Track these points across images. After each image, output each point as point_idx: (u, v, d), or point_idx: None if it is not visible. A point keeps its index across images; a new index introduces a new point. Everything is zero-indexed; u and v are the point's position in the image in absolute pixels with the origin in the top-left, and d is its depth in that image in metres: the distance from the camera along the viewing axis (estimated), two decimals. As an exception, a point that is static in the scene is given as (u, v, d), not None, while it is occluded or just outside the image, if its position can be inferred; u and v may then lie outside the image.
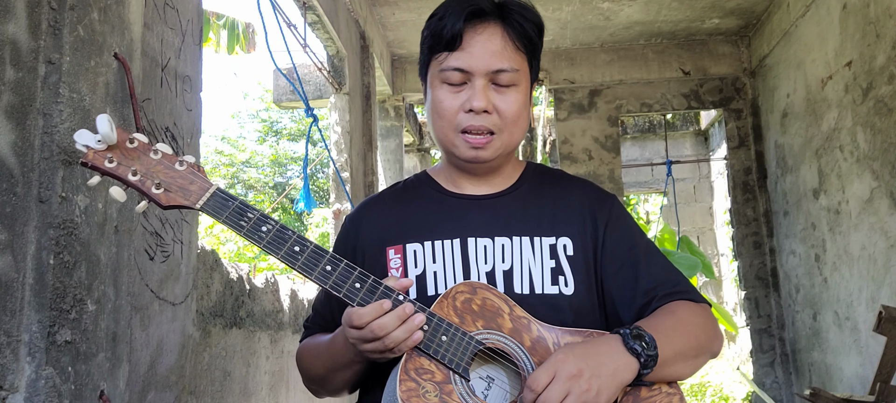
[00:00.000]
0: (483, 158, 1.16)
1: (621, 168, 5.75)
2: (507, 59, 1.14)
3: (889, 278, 3.83)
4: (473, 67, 1.12)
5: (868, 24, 3.90)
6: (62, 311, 1.24)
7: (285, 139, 18.54)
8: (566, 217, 1.20)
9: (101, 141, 0.98)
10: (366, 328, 0.99)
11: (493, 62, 1.13)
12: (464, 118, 1.13)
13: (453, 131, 1.15)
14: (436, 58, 1.16)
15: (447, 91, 1.15)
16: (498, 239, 1.16)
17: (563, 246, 1.17)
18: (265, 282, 2.79)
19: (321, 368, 1.16)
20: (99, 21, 1.38)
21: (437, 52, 1.15)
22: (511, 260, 1.15)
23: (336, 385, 1.18)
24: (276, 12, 3.30)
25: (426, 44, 1.18)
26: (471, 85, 1.13)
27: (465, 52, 1.13)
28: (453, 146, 1.16)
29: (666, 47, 5.76)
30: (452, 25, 1.12)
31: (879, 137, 3.85)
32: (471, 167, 1.19)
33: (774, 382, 5.43)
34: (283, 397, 2.88)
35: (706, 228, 8.63)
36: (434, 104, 1.17)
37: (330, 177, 4.87)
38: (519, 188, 1.24)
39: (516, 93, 1.15)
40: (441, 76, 1.15)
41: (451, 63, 1.13)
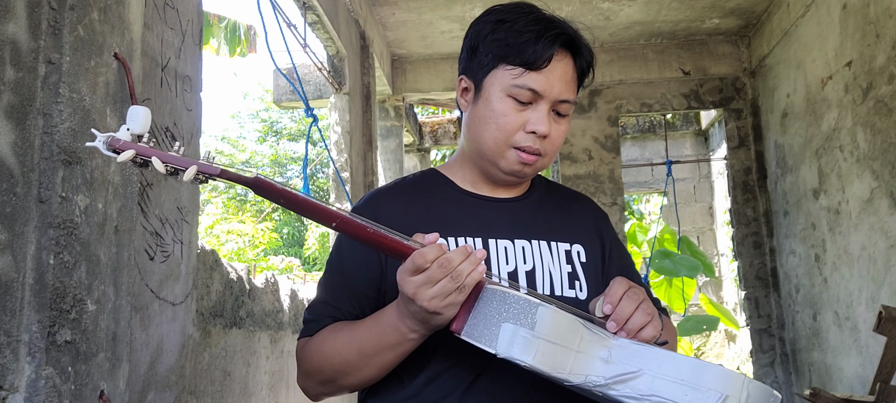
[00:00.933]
0: (526, 175, 1.20)
1: (621, 168, 5.75)
2: (572, 92, 1.17)
3: (889, 278, 3.83)
4: (547, 93, 1.14)
5: (868, 24, 3.90)
6: (62, 311, 1.24)
7: (285, 139, 18.54)
8: (577, 226, 1.26)
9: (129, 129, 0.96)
10: (432, 266, 0.95)
11: (564, 92, 1.15)
12: (522, 137, 1.15)
13: (506, 145, 1.16)
14: (506, 69, 1.14)
15: (512, 106, 1.14)
16: (518, 242, 1.19)
17: (577, 252, 1.22)
18: (265, 282, 2.79)
19: (353, 354, 1.08)
20: (99, 21, 1.38)
21: (512, 64, 1.14)
22: (532, 262, 1.18)
23: (360, 377, 1.10)
24: (276, 12, 3.30)
25: (494, 50, 1.16)
26: (536, 107, 1.14)
27: (544, 75, 1.13)
28: (501, 157, 1.17)
29: (666, 47, 5.76)
30: (544, 49, 1.12)
31: (879, 137, 3.85)
32: (507, 178, 1.21)
33: (774, 382, 5.43)
34: (283, 397, 2.88)
35: (706, 228, 8.63)
36: (493, 114, 1.15)
37: (330, 177, 4.87)
38: (531, 195, 1.28)
39: (566, 124, 1.20)
40: (510, 90, 1.14)
41: (528, 83, 1.13)
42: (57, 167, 1.24)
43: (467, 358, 1.06)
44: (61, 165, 1.25)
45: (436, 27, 5.19)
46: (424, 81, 5.88)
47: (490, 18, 1.18)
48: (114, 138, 0.94)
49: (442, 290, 0.95)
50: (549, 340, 0.91)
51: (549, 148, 1.17)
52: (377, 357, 1.07)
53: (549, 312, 0.92)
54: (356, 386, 1.14)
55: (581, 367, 0.92)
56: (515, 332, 0.92)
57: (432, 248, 0.96)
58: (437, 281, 0.95)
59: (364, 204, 1.22)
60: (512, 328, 0.93)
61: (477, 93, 1.19)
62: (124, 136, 0.95)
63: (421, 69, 5.88)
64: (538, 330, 0.91)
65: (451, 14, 4.96)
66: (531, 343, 0.91)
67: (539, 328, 0.91)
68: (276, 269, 9.58)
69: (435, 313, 0.97)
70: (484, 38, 1.18)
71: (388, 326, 1.05)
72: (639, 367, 0.91)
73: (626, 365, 0.92)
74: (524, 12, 1.17)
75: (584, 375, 0.92)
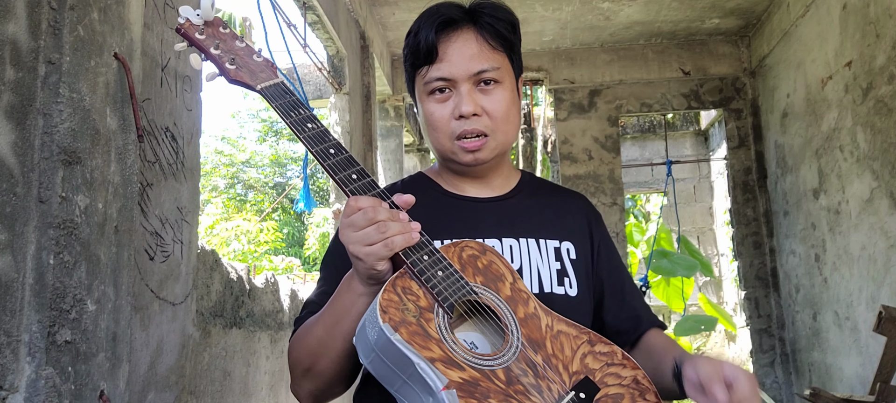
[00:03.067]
0: (481, 160, 1.19)
1: (621, 168, 5.75)
2: (485, 60, 1.17)
3: (889, 278, 3.83)
4: (454, 74, 1.16)
5: (868, 24, 3.90)
6: (62, 311, 1.24)
7: (285, 139, 18.54)
8: (567, 223, 1.26)
9: (199, 15, 1.15)
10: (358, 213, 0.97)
11: (472, 65, 1.16)
12: (456, 125, 1.17)
13: (449, 140, 1.18)
14: (418, 73, 1.20)
15: (435, 102, 1.18)
16: (505, 240, 1.18)
17: (566, 250, 1.21)
18: (265, 282, 2.79)
19: (321, 329, 1.10)
20: (99, 21, 1.38)
21: (419, 67, 1.19)
22: (520, 260, 1.17)
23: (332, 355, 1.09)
24: (276, 12, 3.30)
25: (408, 62, 1.22)
26: (456, 92, 1.17)
27: (444, 61, 1.16)
28: (452, 153, 1.19)
29: (666, 47, 5.76)
30: (426, 38, 1.16)
31: (879, 137, 3.85)
32: (472, 171, 1.22)
33: (774, 382, 5.43)
34: (283, 397, 2.88)
35: (706, 228, 8.63)
36: (426, 117, 1.20)
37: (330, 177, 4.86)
38: (519, 193, 1.27)
39: (501, 92, 1.18)
40: (427, 89, 1.18)
41: (433, 74, 1.17)
42: (57, 167, 1.24)
43: None
44: (61, 165, 1.25)
45: (436, 27, 5.19)
46: (424, 81, 5.88)
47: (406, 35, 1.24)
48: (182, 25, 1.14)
49: (365, 237, 0.97)
50: (381, 356, 0.93)
51: (491, 123, 1.17)
52: (340, 325, 1.06)
53: (384, 337, 0.92)
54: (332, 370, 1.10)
55: (406, 394, 0.93)
56: (363, 331, 0.95)
57: (367, 198, 1.00)
58: (361, 227, 0.97)
59: None
60: (363, 326, 0.95)
61: (416, 106, 1.25)
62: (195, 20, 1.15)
63: (421, 69, 5.88)
64: (376, 344, 0.93)
65: (451, 14, 4.95)
66: (368, 348, 0.94)
67: (376, 342, 0.93)
68: (277, 269, 9.58)
69: (356, 257, 0.98)
70: (404, 57, 1.24)
71: (343, 287, 1.06)
72: None
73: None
74: (422, 16, 1.21)
75: (408, 402, 0.94)
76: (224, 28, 1.18)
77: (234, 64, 1.13)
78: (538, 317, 1.03)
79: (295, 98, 1.11)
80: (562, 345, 1.01)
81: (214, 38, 1.15)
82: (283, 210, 16.33)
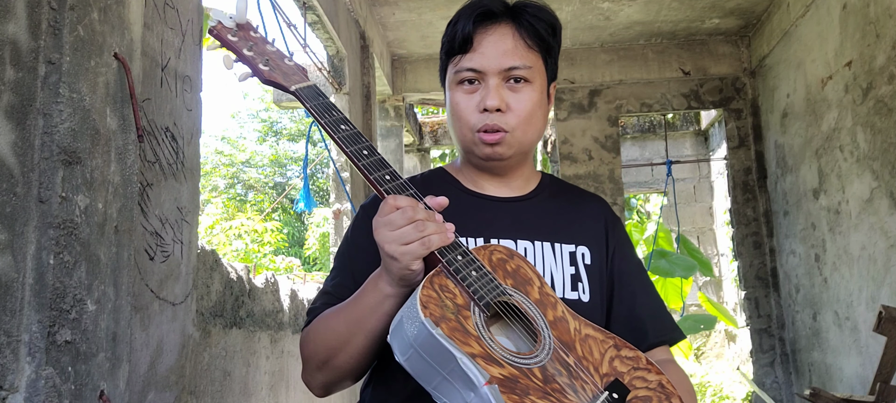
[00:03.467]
0: (499, 155, 1.18)
1: (621, 168, 5.75)
2: (518, 58, 1.16)
3: (889, 278, 3.83)
4: (485, 67, 1.15)
5: (868, 24, 3.90)
6: (62, 311, 1.24)
7: (285, 139, 18.55)
8: (584, 227, 1.24)
9: (232, 18, 1.19)
10: (397, 212, 0.98)
11: (505, 61, 1.15)
12: (479, 118, 1.16)
13: (470, 131, 1.18)
14: (452, 61, 1.20)
15: (463, 92, 1.18)
16: (520, 242, 1.18)
17: (581, 255, 1.21)
18: (265, 282, 2.79)
19: (342, 325, 1.09)
20: (99, 21, 1.38)
21: (453, 55, 1.19)
22: (534, 263, 1.16)
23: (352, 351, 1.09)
24: (276, 12, 3.30)
25: (443, 49, 1.23)
26: (484, 85, 1.16)
27: (477, 52, 1.16)
28: (473, 144, 1.19)
29: (666, 47, 5.76)
30: (463, 28, 1.17)
31: (879, 137, 3.85)
32: (489, 165, 1.21)
33: (774, 382, 5.43)
34: (283, 397, 2.88)
35: (706, 228, 8.63)
36: (452, 106, 1.20)
37: (330, 177, 4.87)
38: (538, 195, 1.26)
39: (530, 92, 1.17)
40: (456, 78, 1.18)
41: (465, 64, 1.17)
42: (57, 167, 1.24)
43: None
44: (61, 165, 1.25)
45: (436, 27, 5.19)
46: (424, 81, 5.88)
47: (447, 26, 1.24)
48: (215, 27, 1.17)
49: (402, 236, 0.97)
50: (420, 352, 0.93)
51: (512, 120, 1.16)
52: (363, 323, 1.06)
53: (425, 331, 0.92)
54: (350, 365, 1.11)
55: (445, 391, 0.93)
56: (400, 328, 0.95)
57: (405, 198, 1.00)
58: (399, 226, 0.97)
59: (372, 201, 1.25)
60: (400, 322, 0.95)
61: (445, 94, 1.24)
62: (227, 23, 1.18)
63: (421, 69, 5.88)
64: (415, 340, 0.93)
65: (450, 14, 4.91)
66: (406, 345, 0.94)
67: (416, 338, 0.93)
68: (278, 269, 9.58)
69: (392, 257, 0.97)
70: (441, 44, 1.25)
71: (368, 287, 1.06)
72: None
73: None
74: (465, 6, 1.21)
75: (446, 399, 0.94)
76: (255, 31, 1.21)
77: (268, 65, 1.16)
78: (566, 321, 1.04)
79: (328, 100, 1.14)
80: (590, 348, 1.02)
81: (247, 41, 1.18)
82: (284, 210, 16.33)
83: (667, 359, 1.21)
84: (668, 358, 1.22)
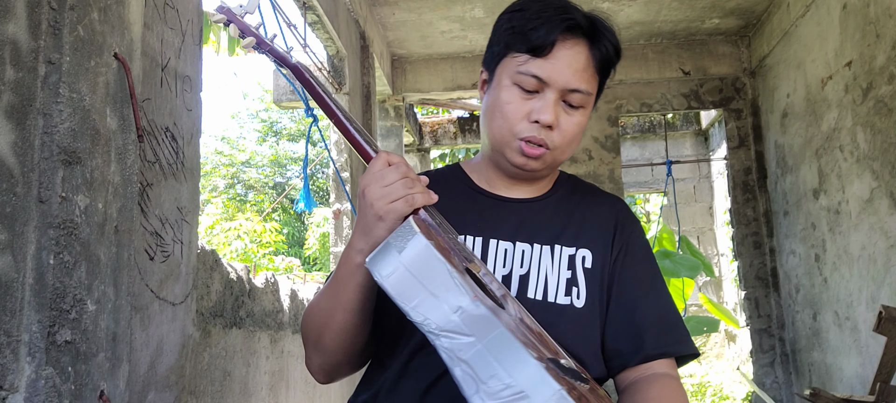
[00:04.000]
0: (531, 168, 1.15)
1: (621, 168, 5.75)
2: (585, 81, 1.11)
3: (889, 278, 3.83)
4: (553, 80, 1.09)
5: (868, 24, 3.90)
6: (62, 311, 1.24)
7: (285, 139, 18.55)
8: (590, 229, 1.20)
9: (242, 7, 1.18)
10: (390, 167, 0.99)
11: (573, 80, 1.10)
12: (526, 127, 1.11)
13: (511, 135, 1.12)
14: (513, 56, 1.12)
15: (517, 94, 1.11)
16: (519, 245, 1.15)
17: (581, 258, 1.16)
18: (265, 282, 2.79)
19: (325, 300, 1.10)
20: (99, 21, 1.38)
21: (518, 51, 1.11)
22: (528, 266, 1.14)
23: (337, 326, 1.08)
24: (276, 12, 3.30)
25: (505, 38, 1.13)
26: (542, 96, 1.10)
27: (549, 62, 1.09)
28: (507, 147, 1.14)
29: (666, 47, 5.76)
30: (547, 34, 1.08)
31: (879, 137, 3.85)
32: (514, 172, 1.17)
33: (774, 382, 5.43)
34: (283, 397, 2.88)
35: (706, 228, 8.63)
36: (499, 102, 1.13)
37: (330, 177, 4.87)
38: (550, 196, 1.23)
39: (580, 116, 1.13)
40: (515, 77, 1.11)
41: (532, 69, 1.09)
42: (57, 167, 1.24)
43: None
44: (61, 165, 1.25)
45: (436, 27, 5.19)
46: (424, 81, 5.88)
47: (510, 8, 1.15)
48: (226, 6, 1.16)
49: (392, 191, 0.97)
50: (408, 269, 0.92)
51: (558, 140, 1.12)
52: (340, 297, 1.06)
53: (420, 244, 0.92)
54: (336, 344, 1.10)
55: (426, 308, 0.91)
56: (386, 250, 0.94)
57: (397, 156, 1.01)
58: (390, 182, 0.98)
59: None
60: (390, 250, 0.94)
61: (490, 83, 1.17)
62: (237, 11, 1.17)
63: (421, 69, 5.88)
64: (404, 256, 0.92)
65: (451, 14, 4.96)
66: (392, 264, 0.92)
67: (405, 254, 0.92)
68: (277, 270, 9.58)
69: (378, 217, 0.98)
70: (499, 28, 1.16)
71: (341, 261, 1.06)
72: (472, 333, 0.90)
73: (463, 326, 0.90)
74: (545, 3, 1.13)
75: (425, 316, 0.91)
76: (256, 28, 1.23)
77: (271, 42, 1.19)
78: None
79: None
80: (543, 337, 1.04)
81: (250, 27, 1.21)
82: (284, 210, 16.33)
83: (660, 373, 1.11)
84: (663, 372, 1.12)
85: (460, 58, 5.82)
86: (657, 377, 1.11)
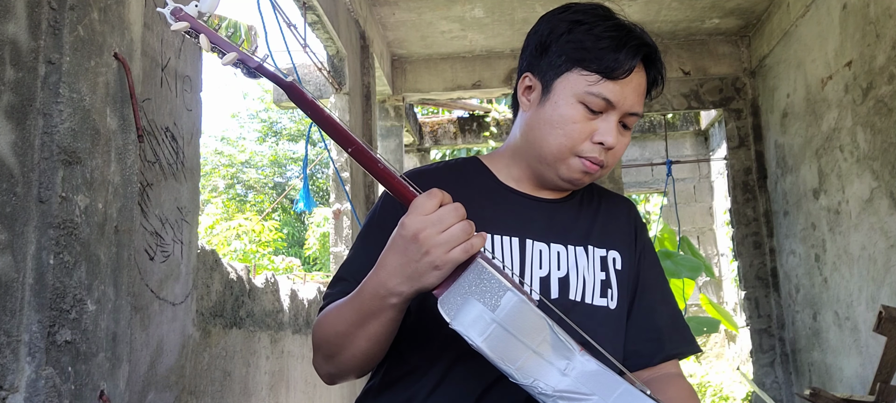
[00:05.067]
0: (583, 184, 1.15)
1: (621, 168, 5.75)
2: (641, 105, 1.13)
3: (889, 278, 3.83)
4: (620, 104, 1.09)
5: (868, 24, 3.90)
6: (62, 311, 1.24)
7: (285, 139, 18.54)
8: (615, 231, 1.21)
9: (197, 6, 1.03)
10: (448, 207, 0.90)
11: (636, 105, 1.11)
12: (588, 147, 1.10)
13: (570, 152, 1.10)
14: (582, 74, 1.09)
15: (582, 113, 1.09)
16: (553, 246, 1.15)
17: (613, 259, 1.18)
18: (265, 282, 2.79)
19: (343, 325, 1.05)
20: (99, 21, 1.38)
21: (589, 70, 1.09)
22: (566, 268, 1.13)
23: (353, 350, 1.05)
24: (276, 12, 3.30)
25: (570, 53, 1.10)
26: (606, 117, 1.10)
27: (620, 86, 1.08)
28: (563, 164, 1.12)
29: (666, 47, 5.76)
30: (627, 59, 1.08)
31: (879, 137, 3.85)
32: (563, 185, 1.16)
33: (774, 382, 5.43)
34: (283, 397, 2.88)
35: (706, 228, 8.63)
36: (562, 120, 1.10)
37: (330, 177, 4.87)
38: (572, 198, 1.23)
39: (628, 137, 1.15)
40: (584, 97, 1.09)
41: (604, 92, 1.08)
42: (57, 167, 1.24)
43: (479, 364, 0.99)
44: (61, 165, 1.25)
45: (436, 27, 5.19)
46: (424, 81, 5.88)
47: (565, 17, 1.13)
48: (179, 8, 1.00)
49: (451, 237, 0.89)
50: (506, 328, 0.87)
51: (610, 159, 1.12)
52: (366, 327, 1.01)
53: (515, 300, 0.88)
54: (353, 364, 1.08)
55: (533, 368, 0.87)
56: (477, 309, 0.88)
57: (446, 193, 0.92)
58: (449, 226, 0.89)
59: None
60: (475, 304, 0.88)
61: (545, 93, 1.13)
62: (191, 12, 1.01)
63: (421, 69, 5.88)
64: (498, 314, 0.87)
65: (451, 14, 4.96)
66: (487, 325, 0.87)
67: (500, 312, 0.87)
68: (277, 270, 9.58)
69: (434, 266, 0.90)
70: (558, 38, 1.12)
71: (367, 293, 0.99)
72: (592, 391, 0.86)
73: (579, 385, 0.87)
74: (602, 16, 1.12)
75: (534, 378, 0.87)
76: None
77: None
78: None
79: None
80: None
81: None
82: (284, 210, 16.33)
83: (674, 374, 1.17)
84: (676, 372, 1.18)
85: (460, 58, 5.82)
86: (671, 377, 1.15)
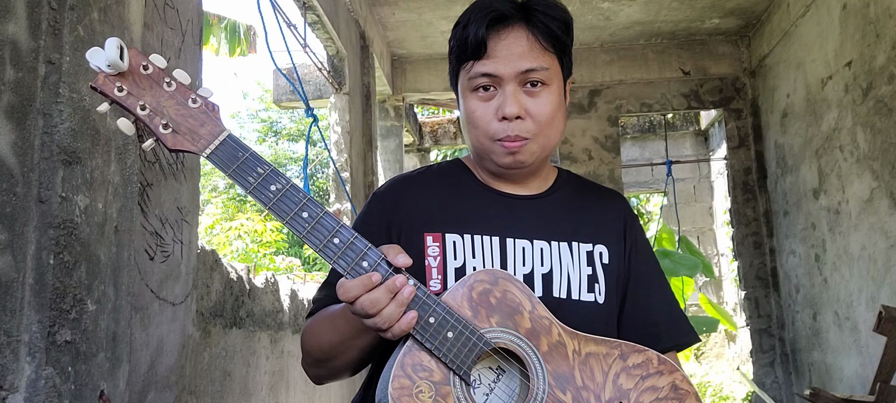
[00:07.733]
0: (520, 163, 1.14)
1: (621, 168, 5.75)
2: (534, 59, 1.11)
3: (889, 278, 3.83)
4: (501, 72, 1.10)
5: (868, 24, 3.90)
6: (62, 311, 1.24)
7: (285, 139, 18.54)
8: (602, 225, 1.21)
9: (110, 66, 0.90)
10: (356, 303, 0.94)
11: (521, 64, 1.10)
12: (498, 127, 1.11)
13: (489, 140, 1.13)
14: (463, 67, 1.15)
15: (478, 99, 1.13)
16: (537, 243, 1.15)
17: (599, 254, 1.17)
18: (265, 282, 2.79)
19: (330, 339, 1.08)
20: (99, 21, 1.38)
21: (465, 61, 1.14)
22: (550, 264, 1.14)
23: (345, 360, 1.10)
24: (276, 12, 3.30)
25: (453, 54, 1.17)
26: (501, 91, 1.11)
27: (491, 58, 1.11)
28: (490, 153, 1.14)
29: (666, 47, 5.76)
30: (476, 32, 1.11)
31: (879, 137, 3.85)
32: (507, 173, 1.17)
33: (774, 382, 5.43)
34: (283, 397, 2.88)
35: (706, 228, 8.63)
36: (467, 114, 1.15)
37: (330, 177, 4.87)
38: (555, 192, 1.22)
39: (548, 94, 1.13)
40: (470, 85, 1.13)
41: (479, 70, 1.11)
42: (57, 167, 1.24)
43: None
44: (61, 165, 1.25)
45: (436, 27, 5.19)
46: (424, 81, 5.88)
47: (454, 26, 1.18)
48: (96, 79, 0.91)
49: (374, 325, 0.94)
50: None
51: (533, 126, 1.12)
52: (353, 341, 1.06)
53: None
54: (343, 368, 1.12)
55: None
56: None
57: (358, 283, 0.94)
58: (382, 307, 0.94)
59: (387, 189, 1.21)
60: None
61: (458, 100, 1.19)
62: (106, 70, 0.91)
63: (421, 69, 5.89)
64: None
65: (451, 14, 4.96)
66: None
67: None
68: (278, 269, 9.57)
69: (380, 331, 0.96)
70: (450, 48, 1.19)
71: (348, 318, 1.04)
72: None
73: None
74: (472, 8, 1.15)
75: None
76: (145, 68, 0.95)
77: (169, 127, 0.93)
78: (564, 344, 1.01)
79: (249, 155, 0.95)
80: (592, 371, 1.00)
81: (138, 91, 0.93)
82: (284, 210, 16.30)
83: None
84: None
85: (460, 58, 5.82)
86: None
